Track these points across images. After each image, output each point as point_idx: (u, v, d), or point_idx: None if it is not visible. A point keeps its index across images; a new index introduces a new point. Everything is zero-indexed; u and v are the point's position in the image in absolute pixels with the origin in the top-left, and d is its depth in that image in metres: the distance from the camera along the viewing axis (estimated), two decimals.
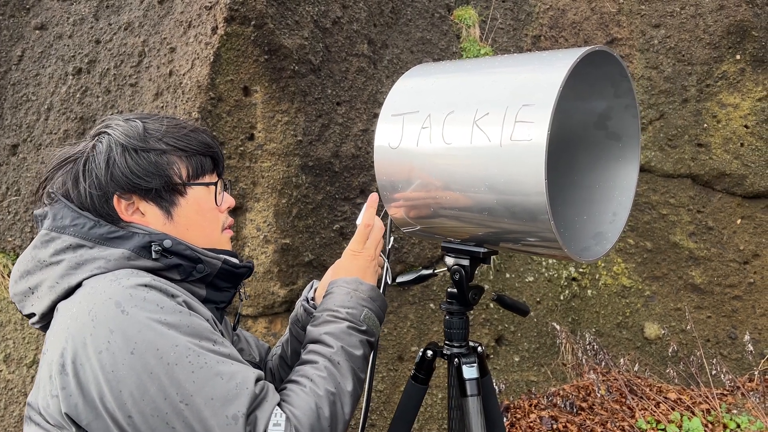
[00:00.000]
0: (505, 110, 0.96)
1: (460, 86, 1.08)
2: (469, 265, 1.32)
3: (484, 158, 0.98)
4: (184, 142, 1.11)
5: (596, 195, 1.22)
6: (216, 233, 1.17)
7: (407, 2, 3.84)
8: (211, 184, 1.15)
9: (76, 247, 1.01)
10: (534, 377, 3.79)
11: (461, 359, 1.36)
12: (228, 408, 0.88)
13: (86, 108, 3.51)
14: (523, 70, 1.01)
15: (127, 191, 1.07)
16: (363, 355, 1.10)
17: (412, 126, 1.10)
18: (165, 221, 1.09)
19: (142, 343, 0.87)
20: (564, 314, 4.06)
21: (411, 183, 1.15)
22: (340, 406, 1.00)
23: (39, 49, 3.80)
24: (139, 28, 3.49)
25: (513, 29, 4.23)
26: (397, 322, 3.40)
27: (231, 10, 2.79)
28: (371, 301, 1.17)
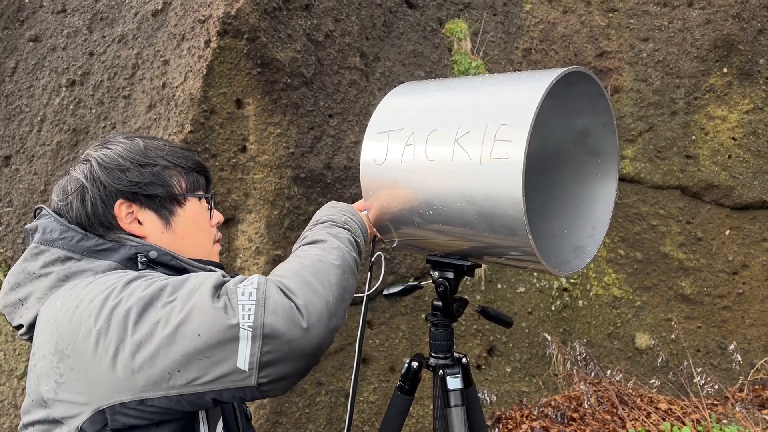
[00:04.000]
0: (485, 129, 0.99)
1: (442, 105, 1.11)
2: (454, 278, 1.35)
3: (465, 175, 1.02)
4: (183, 160, 1.20)
5: (577, 210, 1.25)
6: (208, 245, 1.23)
7: (399, 16, 3.89)
8: (206, 197, 1.24)
9: (64, 259, 1.05)
10: (525, 388, 3.80)
11: (445, 370, 1.38)
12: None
13: (79, 120, 3.52)
14: (503, 89, 1.04)
15: (130, 199, 1.12)
16: (349, 240, 1.13)
17: (397, 143, 1.14)
18: (163, 230, 1.15)
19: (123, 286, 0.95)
20: (555, 324, 4.08)
21: (395, 198, 1.18)
22: (324, 269, 1.00)
23: (33, 60, 3.82)
24: (132, 40, 3.51)
25: (504, 42, 4.28)
26: (389, 333, 3.41)
27: (224, 23, 2.82)
28: (351, 214, 1.23)
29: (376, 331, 3.38)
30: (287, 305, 0.91)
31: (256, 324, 0.88)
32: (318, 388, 3.13)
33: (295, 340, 0.90)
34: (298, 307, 0.92)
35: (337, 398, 3.16)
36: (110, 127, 3.42)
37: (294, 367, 0.92)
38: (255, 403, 3.01)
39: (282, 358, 0.90)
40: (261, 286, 0.93)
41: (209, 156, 2.87)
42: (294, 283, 0.95)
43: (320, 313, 0.93)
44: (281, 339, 0.89)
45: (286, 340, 0.89)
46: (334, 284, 0.99)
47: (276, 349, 0.89)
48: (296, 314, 0.91)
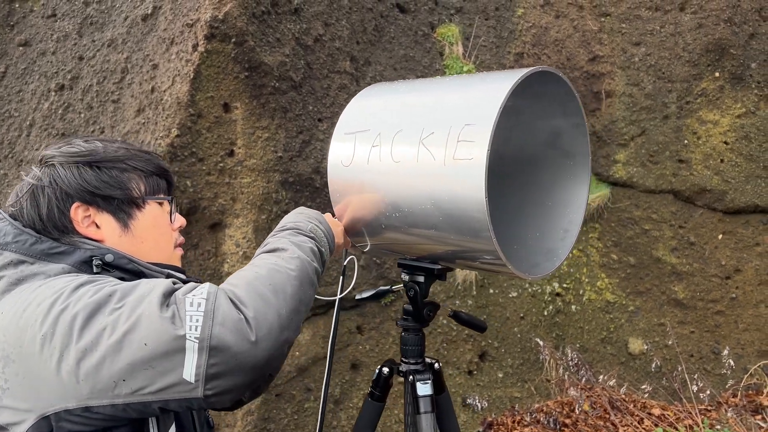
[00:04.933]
0: (449, 130, 0.98)
1: (409, 106, 1.09)
2: (424, 282, 1.33)
3: (430, 177, 1.00)
4: (143, 163, 1.18)
5: (550, 212, 1.24)
6: (169, 249, 1.22)
7: (391, 20, 3.88)
8: (166, 200, 1.22)
9: (17, 263, 1.03)
10: (518, 393, 3.78)
11: (416, 376, 1.36)
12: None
13: (68, 124, 3.51)
14: (469, 90, 1.02)
15: (87, 202, 1.10)
16: (312, 249, 1.10)
17: (363, 145, 1.12)
18: (121, 233, 1.13)
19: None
20: (548, 330, 4.06)
21: (363, 200, 1.16)
22: (281, 279, 0.98)
23: (22, 65, 3.81)
24: (122, 44, 3.50)
25: (496, 47, 4.28)
26: (378, 338, 3.39)
27: (211, 27, 2.81)
28: (318, 221, 1.20)
29: (366, 336, 3.35)
30: (236, 317, 0.89)
31: (203, 336, 0.86)
32: (307, 394, 3.11)
33: (242, 354, 0.87)
34: (248, 319, 0.90)
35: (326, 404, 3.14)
36: (99, 131, 3.41)
37: (241, 380, 0.90)
38: (243, 409, 2.99)
39: (229, 371, 0.88)
40: (211, 297, 0.90)
41: (196, 160, 2.85)
42: (246, 293, 0.93)
43: (271, 326, 0.91)
44: (228, 352, 0.87)
45: (233, 353, 0.87)
46: (290, 296, 0.96)
47: (223, 362, 0.87)
48: (245, 327, 0.89)
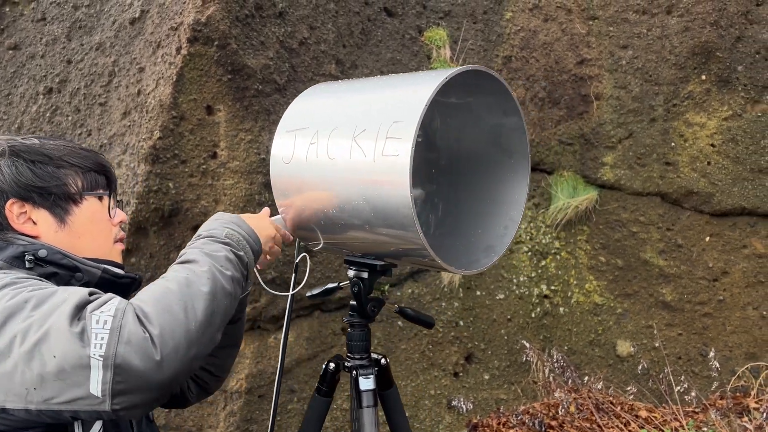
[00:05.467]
0: (378, 127, 1.00)
1: (346, 104, 1.11)
2: (368, 278, 1.34)
3: (361, 173, 1.02)
4: (80, 159, 1.20)
5: (492, 209, 1.25)
6: (107, 244, 1.24)
7: (378, 24, 3.90)
8: (104, 195, 1.23)
9: None
10: (504, 395, 3.78)
11: (358, 371, 1.38)
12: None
13: (56, 127, 3.53)
14: (401, 88, 1.05)
15: (22, 198, 1.13)
16: (226, 257, 1.09)
17: (302, 141, 1.15)
18: (57, 228, 1.16)
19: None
20: (535, 332, 4.06)
21: (303, 197, 1.18)
22: (190, 294, 0.98)
23: (12, 68, 3.83)
24: (110, 48, 3.53)
25: (484, 50, 4.30)
26: None
27: (194, 30, 2.83)
28: (235, 225, 1.19)
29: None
30: (141, 336, 0.90)
31: (107, 354, 0.87)
32: (290, 395, 3.12)
33: (146, 372, 0.89)
34: (153, 338, 0.90)
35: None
36: (86, 134, 3.43)
37: (148, 397, 0.91)
38: (226, 410, 3.00)
39: (135, 389, 0.89)
40: (118, 314, 0.91)
41: (179, 162, 2.87)
42: (153, 310, 0.93)
43: (177, 344, 0.92)
44: (132, 371, 0.88)
45: (138, 372, 0.88)
46: (200, 311, 0.96)
47: (127, 380, 0.88)
48: (149, 346, 0.89)
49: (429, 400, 3.51)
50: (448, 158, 1.33)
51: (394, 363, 3.46)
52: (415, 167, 1.16)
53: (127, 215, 2.94)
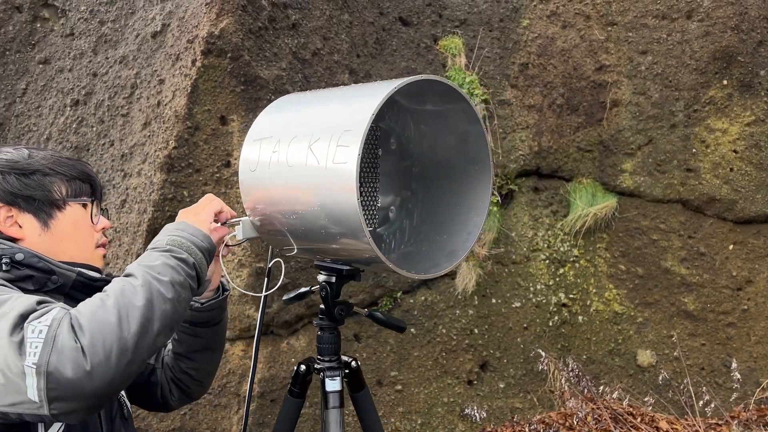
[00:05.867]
0: (331, 135, 1.03)
1: (307, 114, 1.15)
2: (335, 282, 1.37)
3: (315, 179, 1.05)
4: (65, 168, 1.27)
5: (457, 215, 1.27)
6: (89, 249, 1.30)
7: (393, 33, 3.95)
8: (88, 202, 1.30)
9: None
10: (519, 404, 3.75)
11: (326, 372, 1.41)
12: None
13: (81, 137, 3.67)
14: (356, 98, 1.08)
15: (9, 203, 1.21)
16: (165, 263, 1.11)
17: (266, 150, 1.19)
18: (41, 232, 1.23)
19: None
20: (553, 340, 4.02)
21: (266, 203, 1.22)
22: (124, 305, 1.01)
23: (42, 82, 4.00)
24: (132, 61, 3.65)
25: (500, 57, 4.30)
26: (376, 347, 3.42)
27: (208, 43, 2.91)
28: (178, 230, 1.21)
29: (363, 344, 3.39)
30: (72, 346, 0.93)
31: (40, 362, 0.91)
32: None
33: (77, 381, 0.92)
34: (83, 348, 0.93)
35: (320, 411, 3.18)
36: (109, 144, 3.55)
37: (83, 404, 0.95)
38: (239, 413, 3.05)
39: (67, 396, 0.93)
40: (54, 324, 0.95)
41: (193, 171, 2.95)
42: (87, 321, 0.97)
43: (107, 353, 0.94)
44: (63, 379, 0.92)
45: (68, 380, 0.92)
46: (134, 320, 0.99)
47: (59, 387, 0.92)
48: (79, 356, 0.93)
49: (442, 407, 3.51)
50: (421, 165, 1.35)
51: (406, 370, 3.47)
52: (388, 174, 1.19)
53: (145, 222, 3.03)
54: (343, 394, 1.42)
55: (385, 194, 1.35)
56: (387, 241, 1.39)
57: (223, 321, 1.48)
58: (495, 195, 3.98)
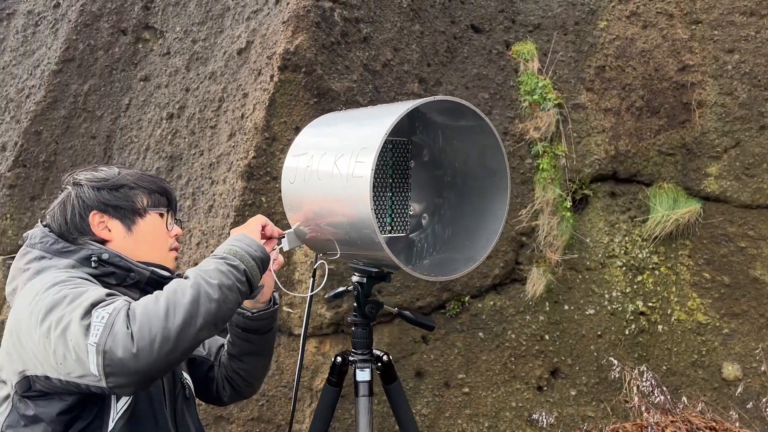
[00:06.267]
0: (352, 152, 1.14)
1: (335, 132, 1.27)
2: (366, 283, 1.47)
3: (339, 191, 1.17)
4: (147, 183, 1.51)
5: (479, 223, 1.33)
6: (163, 251, 1.52)
7: (464, 41, 4.01)
8: (163, 212, 1.52)
9: (40, 258, 1.37)
10: (591, 413, 3.70)
11: (357, 364, 1.51)
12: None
13: (175, 148, 4.01)
14: (375, 119, 1.17)
15: (102, 211, 1.44)
16: (216, 269, 1.27)
17: (302, 165, 1.32)
18: (125, 235, 1.47)
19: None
20: (629, 349, 3.92)
21: (304, 213, 1.34)
22: (173, 301, 1.18)
23: (142, 97, 4.40)
24: (220, 76, 3.95)
25: (574, 61, 4.25)
26: (444, 349, 3.49)
27: (284, 59, 3.12)
28: (236, 241, 1.37)
29: (431, 346, 3.48)
30: (124, 332, 1.11)
31: (99, 342, 1.11)
32: None
33: (125, 360, 1.10)
34: (133, 334, 1.11)
35: (389, 409, 3.29)
36: (199, 154, 3.86)
37: (132, 380, 1.13)
38: (311, 407, 3.23)
39: (118, 372, 1.12)
40: (114, 312, 1.14)
41: (270, 179, 3.16)
42: (140, 312, 1.15)
43: (152, 340, 1.12)
44: (115, 357, 1.10)
45: (118, 359, 1.10)
46: (179, 315, 1.15)
47: (112, 365, 1.11)
48: (128, 340, 1.11)
49: (510, 412, 3.53)
50: (452, 175, 1.44)
51: (474, 373, 3.52)
52: (422, 183, 1.29)
53: (228, 226, 3.28)
54: (372, 385, 1.53)
55: (419, 202, 1.46)
56: (419, 246, 1.49)
57: (272, 331, 1.63)
58: (567, 200, 3.94)
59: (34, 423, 1.24)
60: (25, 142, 4.55)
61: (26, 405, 1.25)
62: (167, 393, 1.42)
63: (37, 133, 4.53)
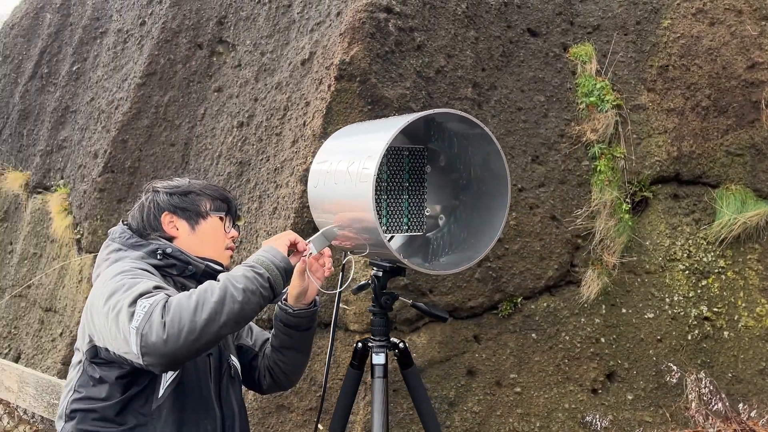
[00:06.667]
0: (360, 160, 1.30)
1: (350, 142, 1.44)
2: (382, 276, 1.60)
3: (351, 194, 1.32)
4: (211, 191, 1.77)
5: (484, 224, 1.43)
6: (220, 249, 1.75)
7: (520, 45, 4.05)
8: (222, 216, 1.76)
9: (117, 249, 1.64)
10: (649, 418, 3.64)
11: (373, 349, 1.64)
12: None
13: (244, 154, 4.28)
14: (381, 131, 1.32)
15: (172, 212, 1.70)
16: (243, 275, 1.46)
17: (324, 171, 1.49)
18: (189, 233, 1.72)
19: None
20: (691, 355, 3.83)
21: (327, 214, 1.50)
22: (202, 300, 1.37)
23: (216, 107, 4.72)
24: (285, 86, 4.19)
25: (635, 61, 4.19)
26: (495, 348, 3.56)
27: (340, 69, 3.30)
28: (264, 252, 1.56)
29: (483, 345, 3.55)
30: (158, 320, 1.33)
31: (139, 327, 1.33)
32: None
33: (156, 344, 1.32)
34: (165, 323, 1.32)
35: (441, 405, 3.40)
36: (265, 159, 4.12)
37: (161, 360, 1.34)
38: (365, 399, 3.39)
39: (151, 353, 1.33)
40: (154, 303, 1.35)
41: None
42: (174, 306, 1.35)
43: (180, 330, 1.32)
44: (149, 341, 1.32)
45: (151, 342, 1.32)
46: (206, 311, 1.35)
47: (146, 346, 1.32)
48: (161, 328, 1.32)
49: (562, 413, 3.54)
50: (468, 179, 1.55)
51: (526, 373, 3.57)
52: (439, 186, 1.42)
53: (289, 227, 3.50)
54: (387, 367, 1.67)
55: (437, 203, 1.59)
56: (434, 245, 1.61)
57: (310, 330, 1.80)
58: (626, 202, 3.90)
59: (100, 383, 1.50)
60: (113, 149, 4.99)
61: (93, 369, 1.51)
62: (213, 370, 1.63)
63: (123, 141, 4.96)
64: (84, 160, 5.77)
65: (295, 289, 1.67)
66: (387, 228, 1.56)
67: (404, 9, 3.52)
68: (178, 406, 1.54)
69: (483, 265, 3.55)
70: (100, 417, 1.49)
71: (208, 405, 1.60)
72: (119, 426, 1.49)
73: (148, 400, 1.51)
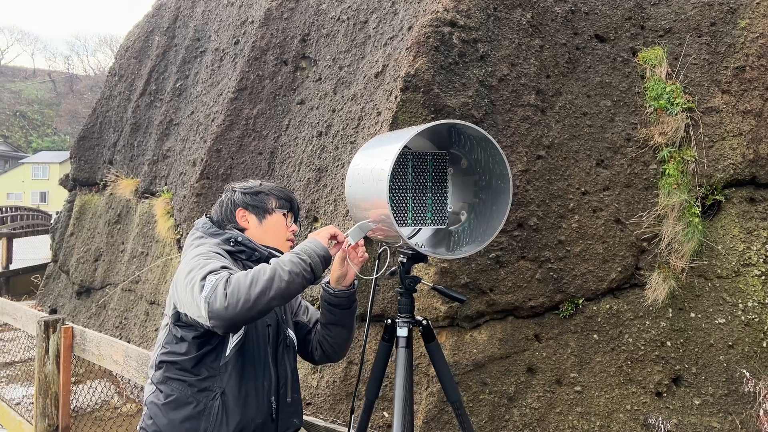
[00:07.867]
0: (378, 163, 1.51)
1: (376, 149, 1.66)
2: (406, 262, 1.81)
3: (373, 194, 1.55)
4: (278, 192, 2.09)
5: (493, 220, 1.60)
6: (281, 240, 2.07)
7: (587, 51, 4.12)
8: (285, 212, 2.08)
9: (200, 237, 1.98)
10: (717, 424, 3.59)
11: (398, 323, 1.86)
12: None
13: (322, 161, 4.63)
14: (400, 140, 1.54)
15: (245, 208, 2.04)
16: (291, 260, 1.73)
17: (355, 173, 1.72)
18: (257, 225, 2.05)
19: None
20: (766, 363, 3.73)
21: (360, 210, 1.74)
22: (256, 278, 1.66)
23: (298, 118, 5.11)
24: (360, 98, 4.49)
25: (708, 63, 4.14)
26: (556, 348, 3.65)
27: (405, 81, 3.55)
28: (308, 242, 1.82)
29: (543, 344, 3.65)
30: (222, 292, 1.64)
31: (207, 296, 1.64)
32: (482, 387, 3.56)
33: (219, 311, 1.63)
34: (227, 295, 1.63)
35: (500, 399, 3.54)
36: (340, 166, 4.43)
37: (224, 323, 1.64)
38: (428, 390, 3.59)
39: (216, 318, 1.63)
40: (220, 279, 1.66)
41: None
42: (235, 281, 1.65)
43: (237, 300, 1.62)
44: (214, 308, 1.63)
45: (216, 309, 1.63)
46: (259, 286, 1.65)
47: (212, 312, 1.63)
48: (223, 299, 1.63)
49: (623, 414, 3.57)
50: (488, 179, 1.75)
51: (587, 373, 3.63)
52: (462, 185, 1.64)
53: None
54: (411, 339, 1.88)
55: (460, 200, 1.81)
56: (455, 237, 1.81)
57: (351, 308, 2.06)
58: (696, 205, 3.87)
59: (181, 342, 1.85)
60: (209, 158, 5.51)
61: (176, 330, 1.86)
62: (271, 337, 1.95)
63: (217, 150, 5.47)
64: (184, 168, 6.38)
65: (336, 273, 1.96)
66: (413, 221, 1.81)
67: (468, 22, 3.71)
68: (240, 364, 1.86)
69: (544, 266, 3.66)
70: (180, 368, 1.84)
71: (266, 366, 1.92)
72: (195, 376, 1.83)
73: (218, 357, 1.83)
